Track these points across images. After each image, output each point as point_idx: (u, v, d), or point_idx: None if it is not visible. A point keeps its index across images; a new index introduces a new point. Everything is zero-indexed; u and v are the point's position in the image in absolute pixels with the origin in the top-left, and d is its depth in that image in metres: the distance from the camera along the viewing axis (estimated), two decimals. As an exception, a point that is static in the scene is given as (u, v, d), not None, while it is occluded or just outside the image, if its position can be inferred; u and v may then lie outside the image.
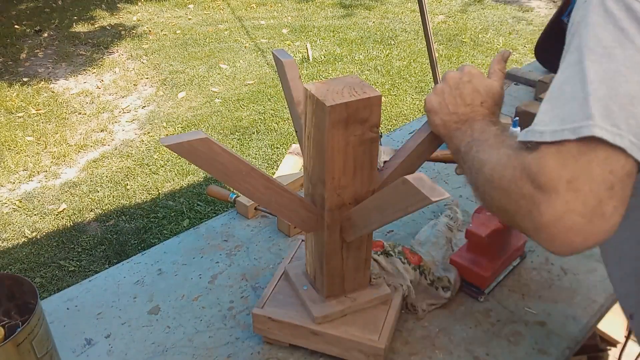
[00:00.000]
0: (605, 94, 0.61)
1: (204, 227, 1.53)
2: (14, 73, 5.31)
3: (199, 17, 6.82)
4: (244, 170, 0.91)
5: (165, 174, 3.67)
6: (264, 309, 1.11)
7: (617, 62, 0.62)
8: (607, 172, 0.60)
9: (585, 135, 0.60)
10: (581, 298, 1.26)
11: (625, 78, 0.61)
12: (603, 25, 0.64)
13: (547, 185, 0.62)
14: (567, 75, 0.66)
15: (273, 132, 4.13)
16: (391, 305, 1.12)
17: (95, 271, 2.74)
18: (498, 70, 0.96)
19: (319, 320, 1.07)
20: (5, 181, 3.67)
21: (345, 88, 0.92)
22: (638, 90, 0.60)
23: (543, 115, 0.66)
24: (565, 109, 0.63)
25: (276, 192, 0.97)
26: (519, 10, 6.69)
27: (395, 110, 4.43)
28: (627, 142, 0.59)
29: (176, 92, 4.86)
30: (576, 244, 0.62)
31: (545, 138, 0.64)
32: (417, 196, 0.75)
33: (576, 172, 0.60)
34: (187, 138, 0.83)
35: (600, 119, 0.60)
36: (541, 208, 0.62)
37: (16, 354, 0.89)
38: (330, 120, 0.89)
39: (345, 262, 1.07)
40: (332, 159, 0.93)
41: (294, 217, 1.02)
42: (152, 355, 1.13)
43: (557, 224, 0.61)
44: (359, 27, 6.28)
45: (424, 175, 0.76)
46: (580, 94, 0.62)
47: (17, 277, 1.01)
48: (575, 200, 0.60)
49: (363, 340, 1.04)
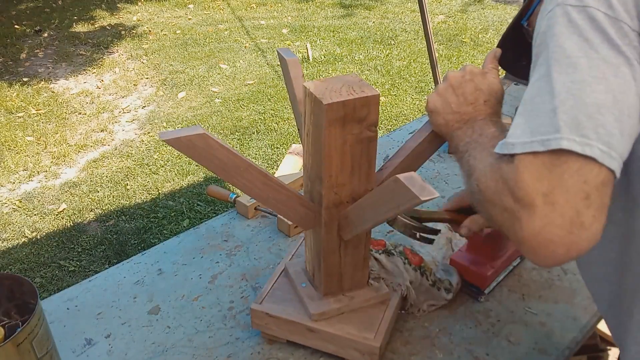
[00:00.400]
0: (572, 104, 0.62)
1: (204, 227, 1.53)
2: (14, 73, 5.31)
3: (199, 17, 6.82)
4: (241, 166, 0.92)
5: (165, 174, 3.67)
6: (262, 304, 1.12)
7: (582, 72, 0.62)
8: (581, 182, 0.60)
9: (554, 148, 0.61)
10: (581, 298, 1.26)
11: (591, 88, 0.62)
12: (568, 35, 0.64)
13: (525, 200, 0.62)
14: (536, 88, 0.66)
15: (273, 132, 4.13)
16: (389, 305, 1.12)
17: (95, 271, 2.74)
18: (492, 69, 0.96)
19: (316, 317, 1.08)
20: (5, 181, 3.67)
21: (343, 87, 0.92)
22: (604, 99, 0.61)
23: (515, 128, 0.67)
24: (535, 121, 0.64)
25: (274, 188, 0.98)
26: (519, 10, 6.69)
27: (395, 110, 4.43)
28: (597, 151, 0.60)
29: (176, 92, 4.86)
30: (559, 255, 0.62)
31: (516, 150, 0.64)
32: (407, 195, 0.76)
33: (551, 185, 0.61)
34: (185, 133, 0.84)
35: (568, 130, 0.61)
36: (522, 222, 0.63)
37: (16, 354, 0.89)
38: (327, 118, 0.89)
39: (343, 260, 1.08)
40: (330, 157, 0.94)
41: (292, 214, 1.02)
42: (152, 355, 1.13)
43: (538, 238, 0.62)
44: (359, 27, 6.28)
45: (415, 174, 0.77)
46: (548, 106, 0.63)
47: (17, 277, 1.01)
48: (553, 213, 0.61)
49: (359, 338, 1.05)
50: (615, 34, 0.63)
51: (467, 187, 0.80)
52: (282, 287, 1.16)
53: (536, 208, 0.61)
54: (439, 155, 1.83)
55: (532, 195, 0.62)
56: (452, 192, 1.63)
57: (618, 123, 0.61)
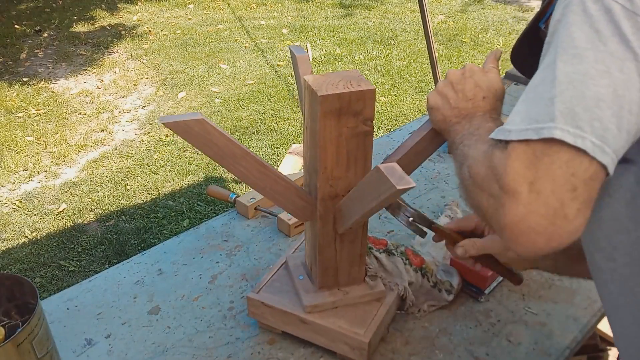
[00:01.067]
0: (572, 95, 0.61)
1: (204, 227, 1.53)
2: (14, 73, 5.31)
3: (199, 17, 6.82)
4: (238, 154, 0.94)
5: (165, 174, 3.67)
6: (259, 294, 1.15)
7: (587, 64, 0.61)
8: (569, 174, 0.59)
9: (546, 136, 0.60)
10: (581, 298, 1.26)
11: (593, 81, 0.61)
12: (579, 25, 0.64)
13: (510, 186, 0.62)
14: (541, 76, 0.66)
15: (273, 132, 4.13)
16: (383, 303, 1.13)
17: (95, 271, 2.74)
18: (493, 68, 0.96)
19: (309, 309, 1.10)
20: (5, 181, 3.67)
21: (341, 81, 0.94)
22: (606, 93, 0.60)
23: (515, 115, 0.66)
24: (534, 109, 0.64)
25: (271, 178, 0.99)
26: (519, 10, 6.69)
27: (395, 110, 4.43)
28: (589, 143, 0.59)
29: (176, 92, 4.86)
30: (539, 244, 0.62)
31: (511, 137, 0.64)
32: (386, 184, 0.77)
33: (538, 174, 0.60)
34: (184, 118, 0.87)
35: (563, 120, 0.60)
36: (505, 209, 0.63)
37: (16, 354, 0.89)
38: (322, 110, 0.91)
39: (339, 254, 1.09)
40: (325, 149, 0.95)
41: (289, 205, 1.04)
42: (152, 355, 1.13)
43: (520, 225, 0.62)
44: (359, 27, 6.28)
45: (396, 165, 0.78)
46: (547, 94, 0.63)
47: (17, 277, 1.01)
48: (537, 202, 0.60)
49: (349, 332, 1.06)
50: (629, 28, 0.61)
51: (458, 175, 0.80)
52: (281, 279, 1.19)
53: (520, 195, 0.61)
54: (439, 155, 1.83)
55: (519, 183, 0.61)
56: (452, 192, 1.63)
57: (616, 118, 0.60)
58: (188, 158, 3.82)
